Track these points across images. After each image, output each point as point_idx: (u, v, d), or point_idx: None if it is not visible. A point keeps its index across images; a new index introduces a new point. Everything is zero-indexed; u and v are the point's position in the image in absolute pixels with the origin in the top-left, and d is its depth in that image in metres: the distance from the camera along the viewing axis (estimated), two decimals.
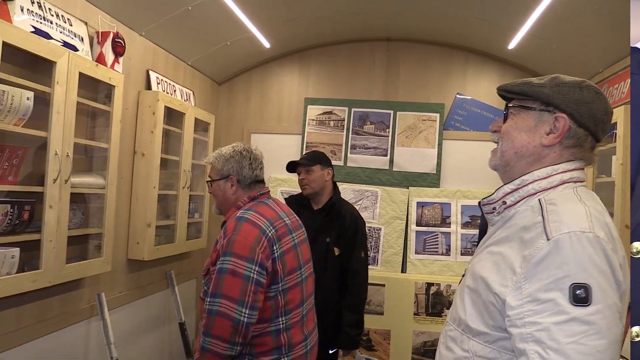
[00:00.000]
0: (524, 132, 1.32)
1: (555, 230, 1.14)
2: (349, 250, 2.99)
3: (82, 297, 2.99)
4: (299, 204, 3.09)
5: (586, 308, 1.07)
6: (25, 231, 2.35)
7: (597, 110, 1.27)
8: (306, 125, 4.75)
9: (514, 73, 4.55)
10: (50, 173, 2.38)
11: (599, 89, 1.29)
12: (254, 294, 1.87)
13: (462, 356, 1.26)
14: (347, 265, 2.97)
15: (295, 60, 4.87)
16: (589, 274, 1.08)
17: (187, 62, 4.21)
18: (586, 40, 3.61)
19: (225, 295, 1.85)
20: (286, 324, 2.01)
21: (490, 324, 1.21)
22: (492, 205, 1.35)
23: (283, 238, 2.03)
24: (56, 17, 2.57)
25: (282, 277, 1.98)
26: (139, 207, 3.42)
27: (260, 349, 1.96)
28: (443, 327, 1.41)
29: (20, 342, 2.50)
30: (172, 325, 4.10)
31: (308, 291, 2.18)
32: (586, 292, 1.07)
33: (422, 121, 4.62)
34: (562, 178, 1.27)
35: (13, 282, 2.20)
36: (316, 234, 2.91)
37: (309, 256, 2.25)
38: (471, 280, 1.30)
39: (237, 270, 1.86)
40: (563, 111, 1.27)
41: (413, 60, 4.72)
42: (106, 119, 2.92)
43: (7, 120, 2.17)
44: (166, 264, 4.00)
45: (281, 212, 2.15)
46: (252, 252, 1.89)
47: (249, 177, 2.17)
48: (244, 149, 2.21)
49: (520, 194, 1.29)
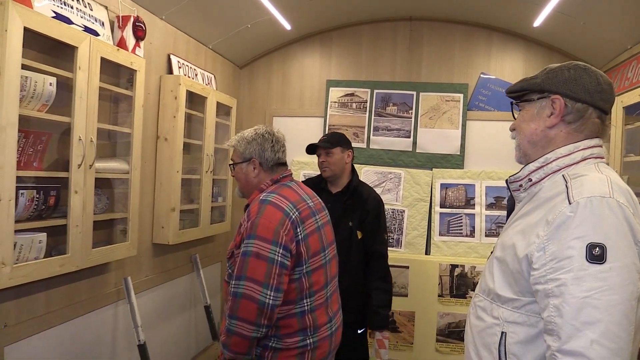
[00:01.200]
0: (531, 122, 1.46)
1: (577, 195, 1.24)
2: (372, 233, 2.96)
3: (109, 281, 3.03)
4: (317, 186, 3.03)
5: (601, 265, 1.16)
6: (51, 216, 2.37)
7: (587, 83, 1.38)
8: (328, 107, 4.72)
9: (540, 51, 4.43)
10: (74, 158, 2.39)
11: (586, 65, 1.42)
12: (279, 276, 1.88)
13: (492, 323, 1.36)
14: (371, 248, 2.95)
15: (316, 42, 4.82)
16: (605, 235, 1.18)
17: (208, 46, 4.19)
18: (614, 16, 3.49)
19: (249, 277, 1.86)
20: (311, 305, 2.01)
21: (517, 290, 1.32)
22: (519, 182, 1.46)
23: (307, 220, 2.03)
24: (76, 2, 2.57)
25: (306, 259, 1.98)
26: (163, 191, 3.44)
27: (285, 330, 1.97)
28: (472, 300, 1.52)
29: (50, 325, 2.53)
30: (198, 308, 4.14)
31: (332, 273, 2.18)
32: (602, 251, 1.16)
33: (445, 102, 4.55)
34: (583, 154, 1.37)
35: (41, 266, 2.23)
36: (339, 218, 2.88)
37: (332, 238, 2.25)
38: (500, 251, 1.41)
39: (262, 253, 1.87)
40: (556, 93, 1.40)
41: (436, 40, 4.63)
42: (128, 104, 2.92)
43: (31, 106, 2.18)
44: (191, 248, 4.03)
45: (304, 195, 2.16)
46: (276, 235, 1.90)
47: (271, 160, 2.16)
48: (266, 132, 2.19)
49: (545, 170, 1.40)
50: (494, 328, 1.35)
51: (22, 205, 2.16)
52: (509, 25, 4.42)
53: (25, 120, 2.16)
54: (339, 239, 2.71)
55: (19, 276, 2.11)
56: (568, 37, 4.14)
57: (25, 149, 2.22)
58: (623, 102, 3.17)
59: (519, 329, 1.30)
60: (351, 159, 3.06)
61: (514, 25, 4.39)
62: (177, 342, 3.88)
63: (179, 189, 3.49)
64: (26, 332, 2.38)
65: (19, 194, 2.12)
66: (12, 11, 1.98)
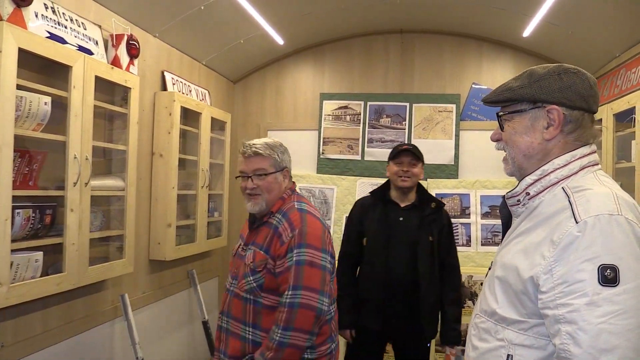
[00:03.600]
0: (525, 134, 1.35)
1: (584, 213, 1.16)
2: (448, 246, 2.94)
3: (106, 298, 3.02)
4: (383, 199, 2.96)
5: (615, 288, 1.08)
6: (47, 235, 2.38)
7: (582, 88, 1.30)
8: (322, 120, 4.74)
9: (530, 61, 4.47)
10: (70, 176, 2.40)
11: (576, 68, 1.33)
12: (330, 282, 1.95)
13: (497, 345, 1.29)
14: (445, 260, 2.91)
15: (309, 56, 4.86)
16: (617, 255, 1.10)
17: (201, 62, 4.22)
18: (602, 24, 3.54)
19: (306, 286, 1.87)
20: (333, 312, 2.07)
21: (524, 312, 1.23)
22: (517, 197, 1.37)
23: (329, 229, 2.11)
24: (70, 22, 2.59)
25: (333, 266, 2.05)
26: (159, 207, 3.44)
27: (320, 339, 1.99)
28: (471, 320, 1.44)
29: (47, 344, 2.53)
30: (196, 323, 4.12)
31: None
32: (614, 273, 1.09)
33: (438, 112, 4.58)
34: (581, 163, 1.30)
35: (38, 285, 2.23)
36: (418, 233, 2.83)
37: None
38: (501, 271, 1.32)
39: (315, 261, 1.91)
40: (552, 103, 1.30)
41: (427, 51, 4.68)
42: (123, 121, 2.94)
43: (26, 125, 2.19)
44: (187, 263, 4.03)
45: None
46: (324, 243, 1.96)
47: (289, 170, 2.21)
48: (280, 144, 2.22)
49: (542, 183, 1.31)
50: (500, 350, 1.28)
51: (19, 224, 2.17)
52: (499, 35, 4.47)
53: (20, 139, 2.17)
54: (422, 253, 2.81)
55: (16, 295, 2.10)
56: (557, 46, 4.19)
57: (21, 168, 2.23)
58: (613, 109, 3.21)
59: (526, 352, 1.24)
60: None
61: (504, 36, 4.44)
62: (175, 358, 3.87)
63: (174, 204, 3.49)
64: (24, 351, 2.37)
65: (15, 213, 2.13)
66: (6, 32, 2.00)
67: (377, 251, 2.87)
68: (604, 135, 3.29)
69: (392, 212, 2.90)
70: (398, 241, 2.85)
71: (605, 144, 3.27)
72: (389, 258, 2.84)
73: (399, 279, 2.81)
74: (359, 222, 2.98)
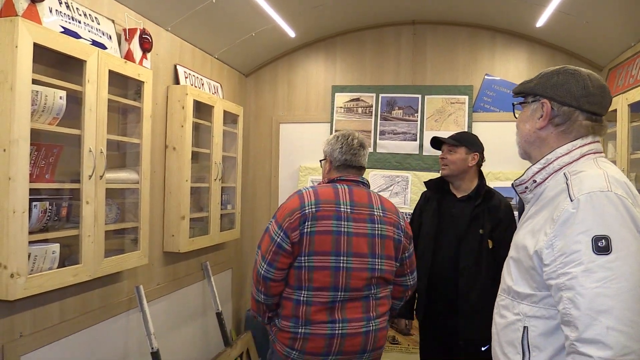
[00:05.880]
0: (526, 122, 1.56)
1: (578, 192, 1.32)
2: (505, 243, 2.83)
3: (122, 290, 3.07)
4: (439, 189, 2.93)
5: (607, 256, 1.22)
6: (64, 227, 2.42)
7: (574, 87, 1.45)
8: (334, 113, 4.75)
9: (544, 52, 4.44)
10: (85, 170, 2.43)
11: (576, 70, 1.49)
12: (275, 254, 2.13)
13: (514, 320, 1.44)
14: (503, 260, 2.83)
15: (320, 49, 4.86)
16: (608, 227, 1.25)
17: (213, 55, 4.24)
18: (617, 14, 3.50)
19: (260, 247, 2.20)
20: (307, 298, 2.15)
21: (534, 285, 1.39)
22: (524, 185, 1.54)
23: (321, 220, 2.14)
24: (84, 17, 2.62)
25: (306, 253, 2.13)
26: (173, 200, 3.48)
27: (283, 311, 2.21)
28: (495, 301, 1.61)
29: (64, 334, 2.57)
30: (210, 315, 4.17)
31: (355, 284, 2.17)
32: (607, 242, 1.23)
33: (450, 104, 4.57)
34: (582, 151, 1.45)
35: (55, 276, 2.27)
36: (468, 225, 2.74)
37: (365, 250, 2.20)
38: (514, 252, 1.52)
39: (270, 230, 2.18)
40: (544, 97, 1.49)
41: (439, 42, 4.65)
42: (137, 115, 2.97)
43: (42, 119, 2.23)
44: (201, 255, 4.06)
45: (345, 200, 2.22)
46: (283, 220, 2.14)
47: (338, 160, 2.34)
48: (341, 135, 2.38)
49: (547, 171, 1.47)
50: (517, 324, 1.42)
51: (36, 216, 2.20)
52: (512, 26, 4.43)
53: (36, 133, 2.21)
54: (466, 247, 2.71)
55: (34, 286, 2.15)
56: (571, 36, 4.14)
57: (38, 161, 2.26)
58: (628, 99, 3.17)
59: (538, 323, 1.37)
60: (476, 162, 2.87)
61: (517, 26, 4.40)
62: (189, 349, 3.91)
63: (188, 197, 3.52)
64: (41, 341, 2.42)
65: (32, 206, 2.17)
66: (21, 28, 2.02)
67: (425, 242, 2.86)
68: (618, 126, 3.25)
69: (447, 203, 2.87)
70: (445, 233, 2.81)
71: (620, 134, 3.23)
72: (435, 250, 2.81)
73: (441, 272, 2.77)
74: (420, 213, 3.02)
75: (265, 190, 4.94)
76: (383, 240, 2.24)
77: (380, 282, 2.25)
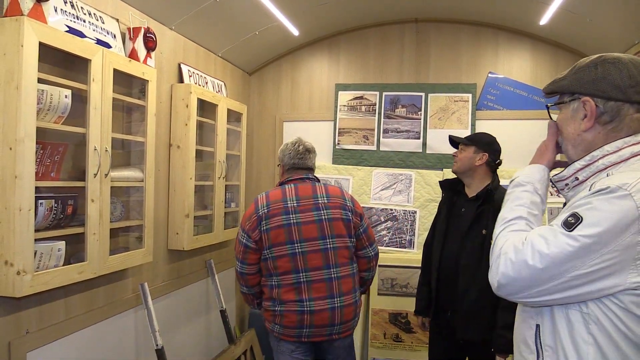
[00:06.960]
0: (568, 125, 1.39)
1: (600, 185, 1.21)
2: None
3: (127, 287, 3.09)
4: (453, 189, 2.96)
5: (565, 230, 1.18)
6: (69, 225, 2.44)
7: (618, 78, 1.29)
8: (338, 111, 4.75)
9: (547, 49, 4.44)
10: (90, 168, 2.45)
11: (616, 58, 1.32)
12: (244, 253, 2.65)
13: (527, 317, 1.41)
14: None
15: (324, 47, 4.86)
16: (589, 210, 1.18)
17: (217, 54, 4.25)
18: (620, 11, 3.49)
19: (235, 250, 2.72)
20: (278, 282, 2.62)
21: None
22: (564, 181, 1.40)
23: (272, 217, 2.59)
24: (89, 16, 2.63)
25: (267, 247, 2.59)
26: (177, 198, 3.49)
27: (264, 296, 2.72)
28: None
29: (70, 331, 2.60)
30: (214, 312, 4.19)
31: (312, 264, 2.59)
32: (575, 220, 1.18)
33: (454, 102, 4.57)
34: (632, 150, 1.28)
35: (61, 274, 2.29)
36: (472, 224, 2.74)
37: (315, 234, 2.60)
38: None
39: (238, 235, 2.70)
40: (585, 94, 1.33)
41: (443, 40, 4.65)
42: (141, 113, 2.99)
43: (48, 118, 2.25)
44: (205, 253, 4.08)
45: (291, 197, 2.65)
46: (244, 224, 2.65)
47: (288, 164, 2.79)
48: (290, 142, 2.81)
49: (591, 169, 1.33)
50: (529, 322, 1.38)
51: (41, 214, 2.22)
52: (516, 24, 4.43)
53: (42, 132, 2.22)
54: (468, 246, 2.72)
55: (40, 284, 2.17)
56: (575, 34, 4.14)
57: (43, 160, 2.28)
58: None
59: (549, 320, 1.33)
60: (485, 162, 2.83)
61: (521, 24, 4.39)
62: (194, 346, 3.93)
63: (192, 195, 3.54)
64: (47, 338, 2.44)
65: (38, 204, 2.19)
66: (27, 27, 2.04)
67: (437, 238, 2.92)
68: None
69: (459, 203, 2.90)
70: (452, 232, 2.85)
71: None
72: (444, 249, 2.85)
73: (446, 271, 2.81)
74: (439, 212, 3.05)
75: (268, 188, 4.92)
76: (331, 223, 2.64)
77: (339, 261, 2.64)
